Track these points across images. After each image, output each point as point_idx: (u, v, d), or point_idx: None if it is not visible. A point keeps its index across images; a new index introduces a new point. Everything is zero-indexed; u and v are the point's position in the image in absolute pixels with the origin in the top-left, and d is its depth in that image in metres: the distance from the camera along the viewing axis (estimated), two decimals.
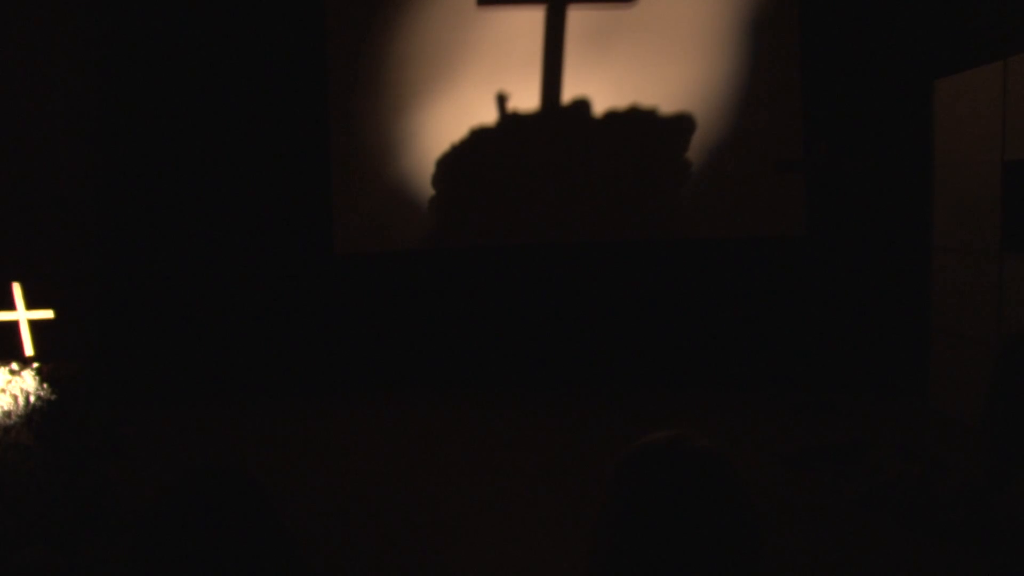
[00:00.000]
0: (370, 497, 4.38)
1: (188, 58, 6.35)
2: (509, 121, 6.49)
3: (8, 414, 3.70)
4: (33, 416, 3.74)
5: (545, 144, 6.50)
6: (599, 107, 6.48)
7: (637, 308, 6.54)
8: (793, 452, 4.75)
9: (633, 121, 6.46)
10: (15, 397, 3.74)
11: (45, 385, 3.81)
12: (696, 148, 6.46)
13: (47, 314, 4.24)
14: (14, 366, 3.88)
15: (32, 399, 3.77)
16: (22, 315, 4.21)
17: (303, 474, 4.62)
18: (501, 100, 6.47)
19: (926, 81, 5.82)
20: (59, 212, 6.29)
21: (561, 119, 6.49)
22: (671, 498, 1.11)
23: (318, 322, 6.56)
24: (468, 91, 6.45)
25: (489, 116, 6.49)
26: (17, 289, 4.22)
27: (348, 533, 3.91)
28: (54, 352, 4.28)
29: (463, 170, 6.53)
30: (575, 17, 6.40)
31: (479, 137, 6.50)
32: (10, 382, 3.77)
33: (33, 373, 3.84)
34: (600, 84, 6.45)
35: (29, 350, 4.19)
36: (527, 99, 6.48)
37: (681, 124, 6.46)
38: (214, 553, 1.13)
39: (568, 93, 6.47)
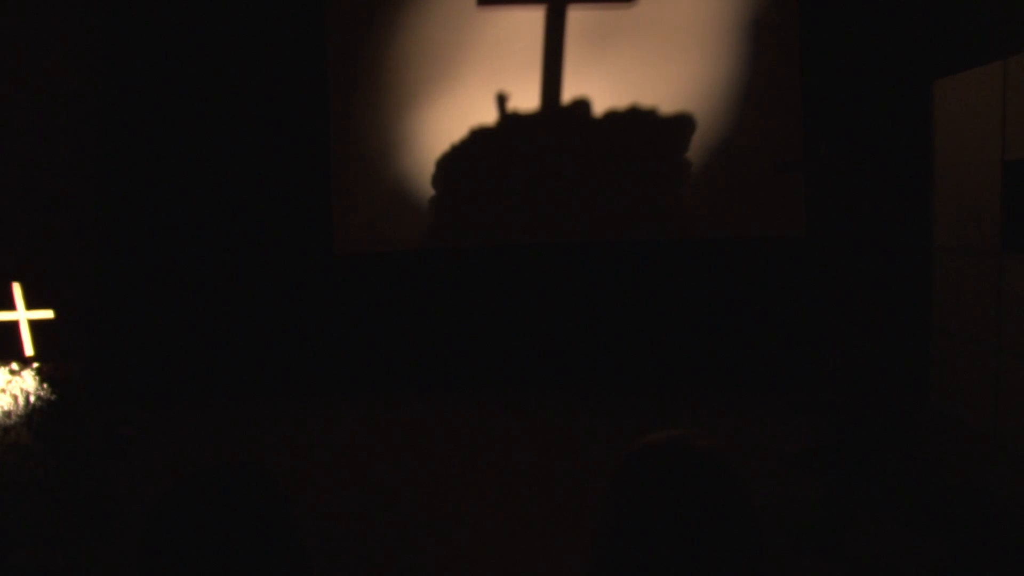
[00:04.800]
0: (369, 496, 4.38)
1: (188, 58, 6.34)
2: (509, 121, 6.49)
3: (8, 414, 3.70)
4: (33, 416, 3.74)
5: (545, 144, 6.49)
6: (599, 107, 6.47)
7: (637, 308, 6.54)
8: (793, 452, 4.75)
9: (633, 121, 6.46)
10: (15, 397, 3.74)
11: (45, 385, 3.81)
12: (696, 148, 6.46)
13: (47, 314, 4.24)
14: (14, 366, 3.88)
15: (32, 399, 3.77)
16: (22, 315, 4.21)
17: (302, 473, 4.62)
18: (501, 100, 6.47)
19: (926, 81, 5.82)
20: (59, 212, 6.29)
21: (561, 119, 6.48)
22: (671, 498, 1.11)
23: (318, 322, 6.56)
24: (468, 91, 6.45)
25: (489, 116, 6.48)
26: (17, 289, 4.22)
27: (347, 532, 3.91)
28: (54, 352, 4.28)
29: (463, 170, 6.53)
30: (575, 17, 6.40)
31: (479, 137, 6.49)
32: (10, 382, 3.77)
33: (33, 373, 3.84)
34: (600, 84, 6.45)
35: (29, 350, 4.19)
36: (527, 99, 6.47)
37: (681, 124, 6.46)
38: (230, 548, 1.12)
39: (568, 93, 6.47)
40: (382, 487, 4.53)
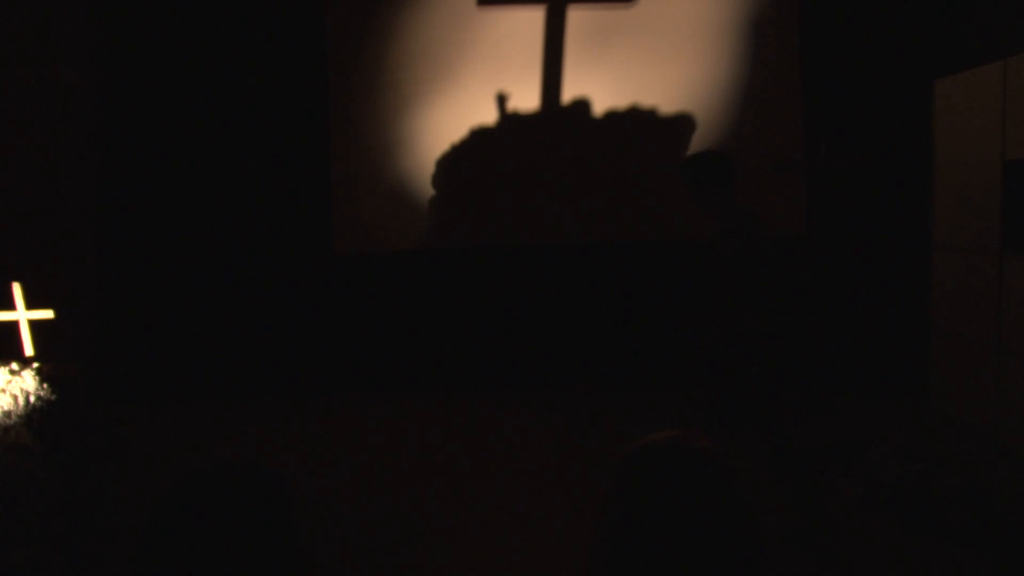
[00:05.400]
0: (369, 496, 4.38)
1: (188, 58, 6.35)
2: (509, 121, 6.49)
3: (8, 414, 3.70)
4: (33, 416, 3.74)
5: (545, 144, 6.49)
6: (599, 107, 6.47)
7: (637, 308, 6.53)
8: (793, 452, 4.74)
9: (633, 121, 6.45)
10: (15, 397, 3.74)
11: (45, 385, 3.81)
12: (696, 148, 6.45)
13: (47, 314, 4.25)
14: (14, 366, 3.88)
15: (32, 399, 3.77)
16: (22, 315, 4.21)
17: (301, 473, 4.62)
18: (501, 100, 6.47)
19: (926, 81, 5.82)
20: (59, 212, 6.29)
21: (561, 119, 6.48)
22: (671, 498, 1.11)
23: (318, 322, 6.56)
24: (468, 91, 6.45)
25: (489, 116, 6.48)
26: (17, 289, 4.22)
27: (347, 532, 3.91)
28: (54, 352, 4.28)
29: (463, 170, 6.53)
30: (575, 17, 6.40)
31: (479, 137, 6.49)
32: (10, 382, 3.77)
33: (33, 373, 3.84)
34: (600, 84, 6.45)
35: (29, 350, 4.19)
36: (527, 99, 6.47)
37: (681, 124, 6.45)
38: (231, 549, 1.12)
39: (568, 93, 6.47)
40: (382, 487, 4.53)
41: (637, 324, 6.53)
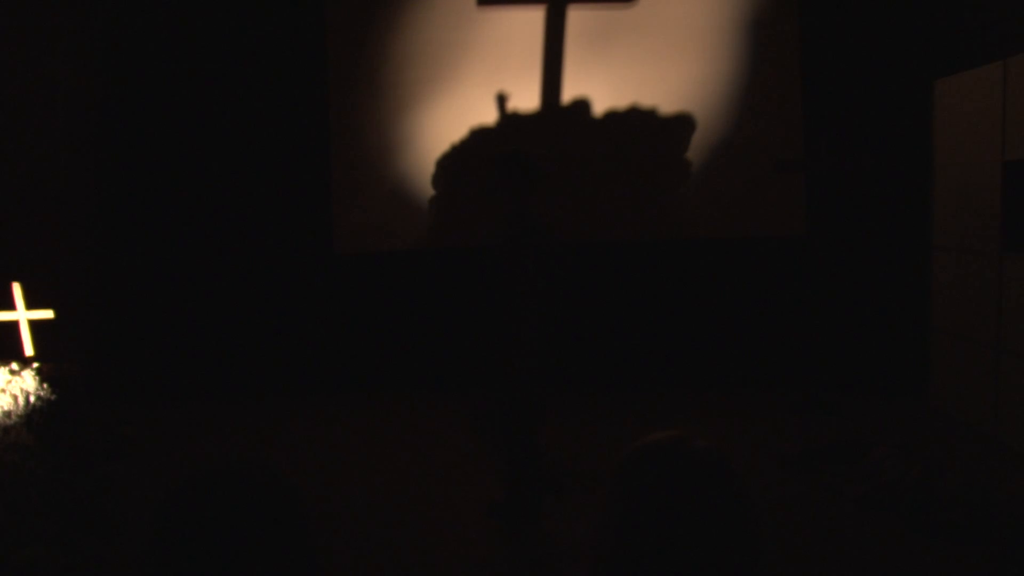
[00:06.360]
0: (369, 496, 4.38)
1: (188, 58, 6.34)
2: (509, 121, 6.48)
3: (8, 414, 3.70)
4: (33, 416, 3.74)
5: (545, 144, 6.49)
6: (599, 107, 6.47)
7: (637, 308, 6.53)
8: (793, 452, 4.75)
9: (633, 121, 6.45)
10: (15, 397, 3.74)
11: (45, 385, 3.81)
12: (696, 148, 6.46)
13: (47, 314, 4.25)
14: (14, 366, 3.88)
15: (32, 399, 3.77)
16: (22, 315, 4.21)
17: (301, 473, 4.62)
18: (501, 100, 6.47)
19: (926, 81, 5.82)
20: (59, 212, 6.29)
21: (561, 119, 6.48)
22: (671, 498, 1.11)
23: (318, 322, 6.56)
24: (468, 91, 6.45)
25: (489, 116, 6.48)
26: (17, 289, 4.23)
27: (347, 532, 3.91)
28: (54, 352, 4.28)
29: (463, 170, 6.53)
30: (575, 17, 6.40)
31: (479, 137, 6.49)
32: (10, 382, 3.77)
33: (33, 373, 3.84)
34: (600, 84, 6.44)
35: (29, 350, 4.19)
36: (527, 99, 6.47)
37: (681, 124, 6.45)
38: (240, 547, 1.12)
39: (568, 93, 6.47)
40: (382, 487, 4.53)
41: (636, 324, 6.53)
